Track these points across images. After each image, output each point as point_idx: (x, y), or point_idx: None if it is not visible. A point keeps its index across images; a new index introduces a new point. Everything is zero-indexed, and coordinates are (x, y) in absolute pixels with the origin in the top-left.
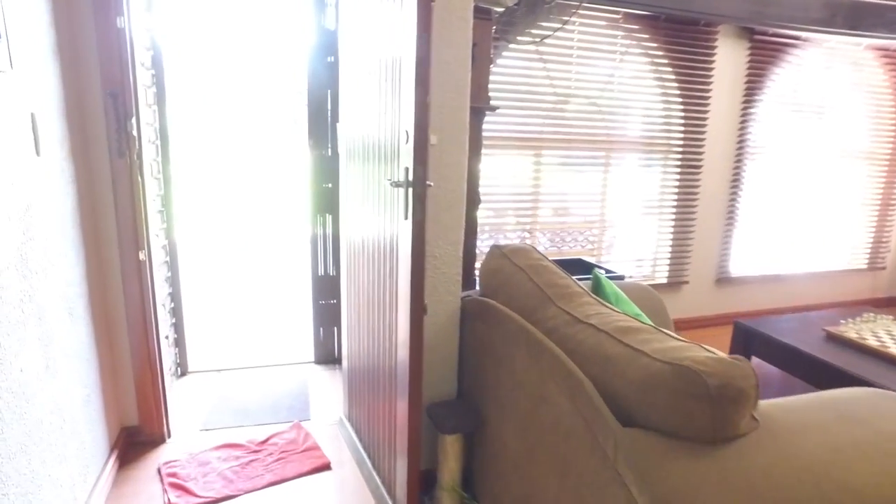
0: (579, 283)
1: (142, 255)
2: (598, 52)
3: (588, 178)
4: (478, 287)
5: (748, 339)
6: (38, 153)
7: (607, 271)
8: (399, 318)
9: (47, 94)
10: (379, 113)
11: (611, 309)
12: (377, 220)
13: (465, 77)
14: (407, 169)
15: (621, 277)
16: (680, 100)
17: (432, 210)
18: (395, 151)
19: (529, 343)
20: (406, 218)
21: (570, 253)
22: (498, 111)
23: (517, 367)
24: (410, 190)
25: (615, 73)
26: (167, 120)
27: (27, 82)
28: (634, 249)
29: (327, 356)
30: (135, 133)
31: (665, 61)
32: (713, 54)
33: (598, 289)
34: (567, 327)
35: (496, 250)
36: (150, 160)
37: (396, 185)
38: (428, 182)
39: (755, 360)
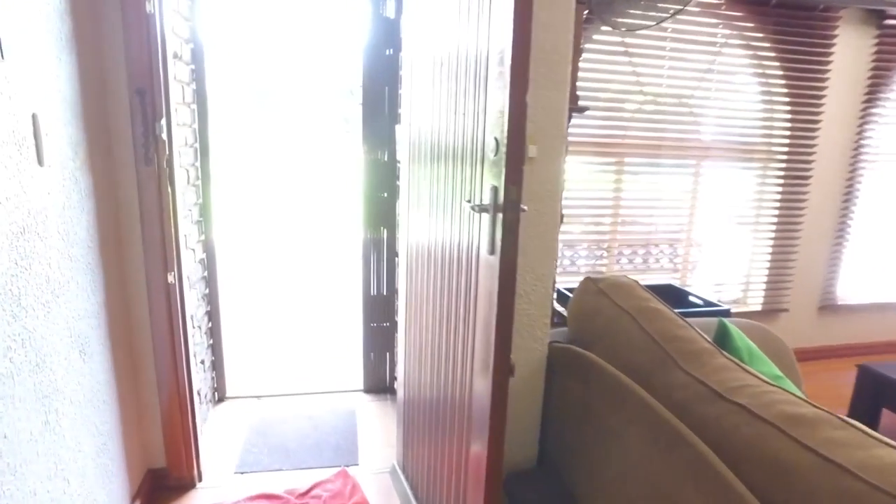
0: (703, 335)
1: (170, 278)
2: (693, 45)
3: (674, 188)
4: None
5: (878, 387)
6: (40, 162)
7: (709, 304)
8: (475, 375)
9: (57, 91)
10: (454, 114)
11: (755, 376)
12: (447, 243)
13: (565, 69)
14: (494, 189)
15: (727, 313)
16: (787, 99)
17: (519, 237)
18: (476, 164)
19: (655, 426)
20: (491, 252)
21: (652, 271)
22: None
23: (631, 449)
24: (499, 216)
25: (711, 69)
26: (208, 121)
27: (27, 77)
28: (724, 270)
29: (378, 385)
30: (164, 136)
31: (771, 54)
32: (831, 45)
33: (725, 340)
34: (704, 404)
35: (591, 285)
36: (188, 165)
37: (479, 209)
38: (522, 206)
39: (887, 413)
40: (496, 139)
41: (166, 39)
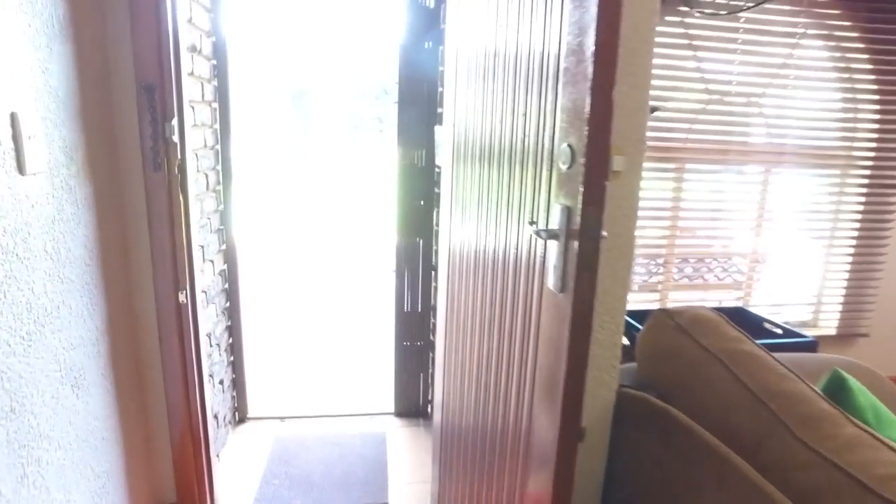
0: (817, 390)
1: (182, 297)
2: (769, 37)
3: (739, 197)
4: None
5: None
6: (21, 170)
7: (791, 333)
8: (533, 427)
9: (46, 86)
10: (510, 115)
11: None
12: (499, 266)
13: (646, 58)
14: (567, 210)
15: (814, 345)
16: (875, 97)
17: None
18: (541, 175)
19: None
20: (561, 290)
21: (712, 287)
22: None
23: None
24: (572, 244)
25: (785, 63)
26: (230, 121)
27: (3, 69)
28: (792, 288)
29: (410, 408)
30: (176, 138)
31: (859, 46)
32: None
33: (840, 395)
34: (845, 498)
35: (667, 319)
36: (207, 169)
37: (546, 235)
38: (602, 233)
39: None
40: (570, 147)
41: (179, 28)
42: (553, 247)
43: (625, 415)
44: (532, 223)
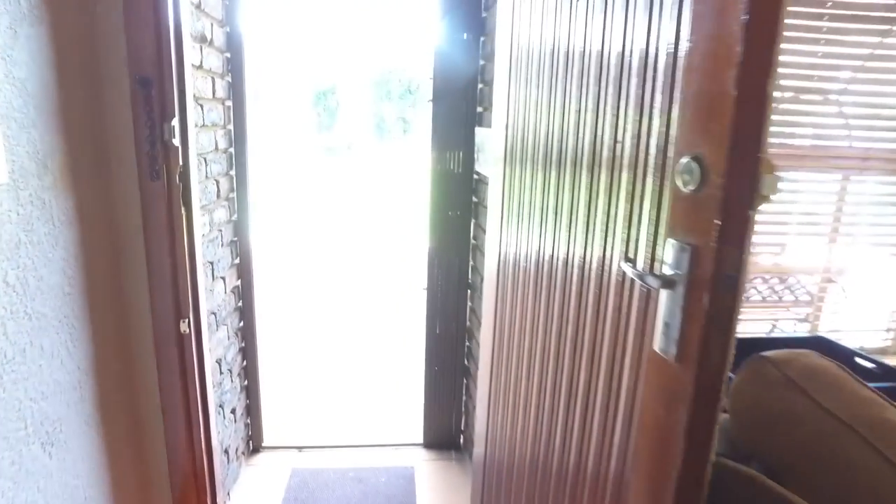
0: None
1: (184, 327)
2: (858, 23)
3: (813, 206)
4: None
5: None
6: None
7: (889, 370)
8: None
9: (7, 77)
10: (592, 113)
11: None
12: (570, 303)
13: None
14: (692, 249)
15: None
16: None
17: None
18: (640, 196)
19: None
20: (679, 359)
21: (778, 306)
22: None
23: None
24: (702, 297)
25: (872, 54)
26: (246, 121)
27: None
28: (871, 311)
29: (441, 439)
30: (177, 142)
31: None
32: None
33: None
34: None
35: (771, 370)
36: (219, 175)
37: (657, 282)
38: (739, 279)
39: None
40: (699, 161)
41: (182, 12)
42: (667, 298)
43: (723, 496)
44: (629, 261)
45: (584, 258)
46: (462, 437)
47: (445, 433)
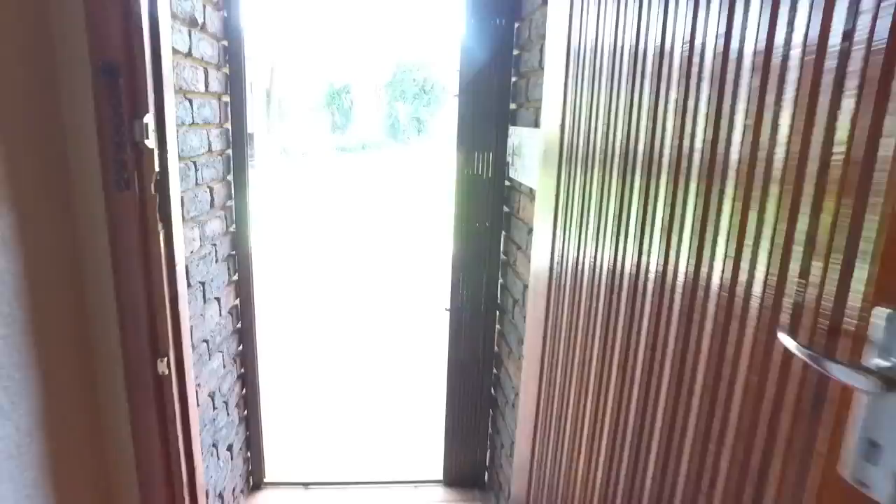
0: None
1: (162, 367)
2: None
3: None
4: None
5: None
6: None
7: None
8: None
9: None
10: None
11: None
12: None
13: None
14: None
15: None
16: None
17: None
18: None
19: None
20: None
21: None
22: None
23: None
24: None
25: None
26: (246, 118)
27: None
28: None
29: (464, 477)
30: (152, 143)
31: None
32: None
33: None
34: None
35: None
36: (213, 181)
37: (873, 382)
38: None
39: None
40: None
41: None
42: (881, 405)
43: None
44: (790, 333)
45: (696, 289)
46: (487, 474)
47: (468, 470)
